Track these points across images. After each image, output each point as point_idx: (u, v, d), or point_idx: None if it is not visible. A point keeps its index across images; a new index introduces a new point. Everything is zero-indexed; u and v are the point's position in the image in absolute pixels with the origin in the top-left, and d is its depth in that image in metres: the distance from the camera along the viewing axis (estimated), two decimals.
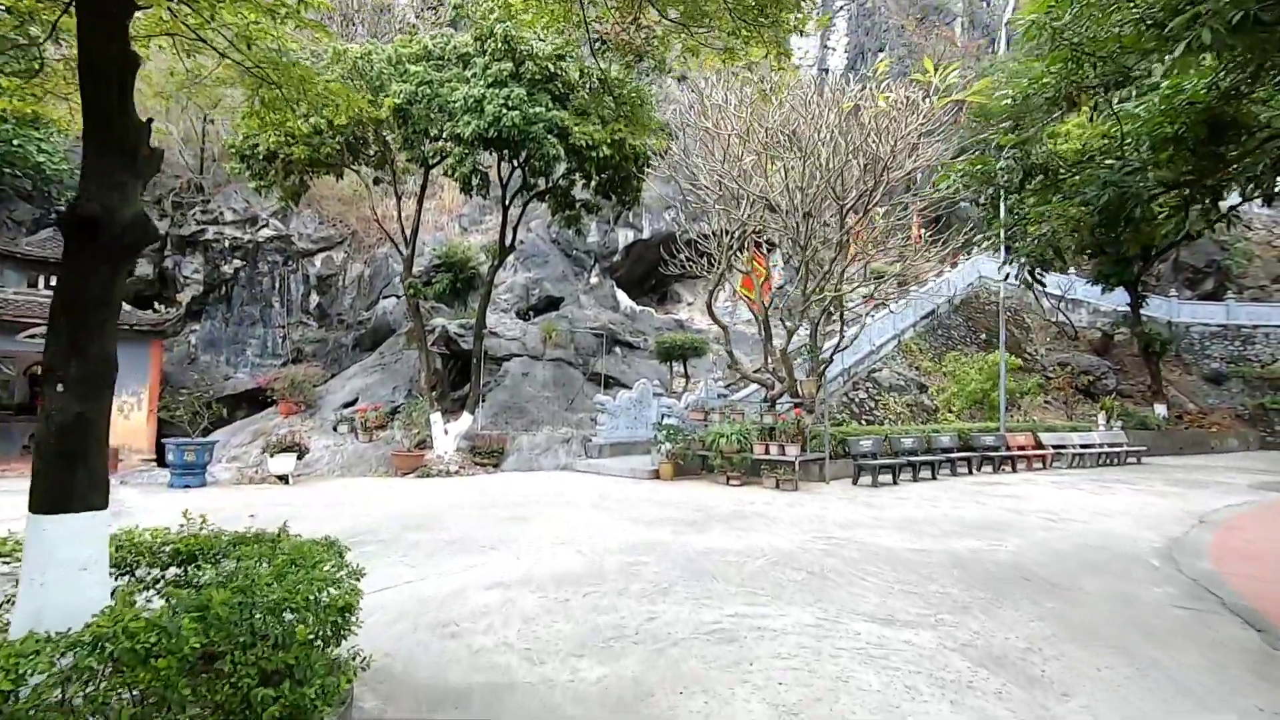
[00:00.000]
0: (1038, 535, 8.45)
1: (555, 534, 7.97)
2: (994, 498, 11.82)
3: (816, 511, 9.93)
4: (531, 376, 18.05)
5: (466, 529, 8.22)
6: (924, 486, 13.24)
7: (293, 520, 8.69)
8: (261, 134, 13.91)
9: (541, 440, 15.52)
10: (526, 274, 21.50)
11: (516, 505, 10.04)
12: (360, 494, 11.09)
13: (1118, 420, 22.14)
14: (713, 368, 21.75)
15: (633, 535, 7.95)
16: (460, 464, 14.37)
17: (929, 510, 10.24)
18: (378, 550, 7.02)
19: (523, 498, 10.81)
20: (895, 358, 24.13)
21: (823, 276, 12.17)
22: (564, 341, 19.28)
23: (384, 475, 13.62)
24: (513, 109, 11.81)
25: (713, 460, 13.22)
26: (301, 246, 20.35)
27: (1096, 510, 10.59)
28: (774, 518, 9.33)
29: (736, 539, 7.83)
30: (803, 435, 12.72)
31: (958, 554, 7.30)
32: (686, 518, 9.20)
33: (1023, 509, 10.58)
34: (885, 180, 10.80)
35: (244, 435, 14.22)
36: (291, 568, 3.25)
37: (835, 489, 12.60)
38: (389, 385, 16.61)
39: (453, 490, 11.63)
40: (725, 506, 10.24)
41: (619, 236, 22.69)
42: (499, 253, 15.50)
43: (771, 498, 11.27)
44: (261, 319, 20.20)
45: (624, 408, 16.47)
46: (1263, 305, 30.22)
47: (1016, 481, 14.52)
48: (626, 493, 11.57)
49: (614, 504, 10.32)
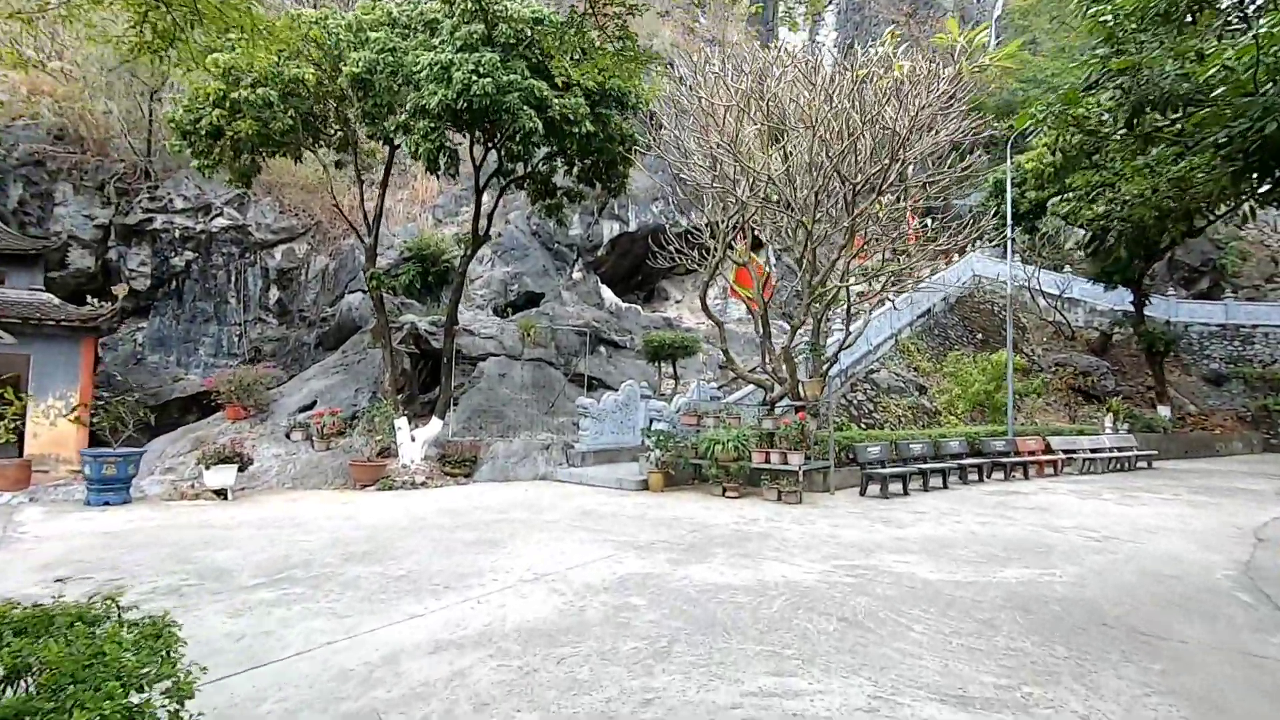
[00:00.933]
0: (1090, 560, 7.29)
1: (528, 565, 6.66)
2: (1018, 510, 10.69)
3: (829, 530, 8.71)
4: (509, 378, 16.70)
5: (422, 559, 6.88)
6: (937, 497, 12.09)
7: (214, 548, 7.34)
8: (205, 107, 12.52)
9: (519, 447, 14.18)
10: (505, 268, 20.14)
11: (486, 525, 8.71)
12: (308, 511, 9.69)
13: (1124, 423, 21.23)
14: (704, 368, 20.53)
15: (621, 566, 6.67)
16: (428, 474, 12.99)
17: (954, 527, 9.07)
18: (305, 592, 5.67)
19: (494, 515, 9.48)
20: (893, 358, 23.08)
21: (830, 266, 10.99)
22: (544, 340, 17.94)
23: (341, 488, 12.21)
24: (483, 76, 10.48)
25: (707, 469, 11.98)
26: (260, 237, 18.82)
27: (1136, 525, 9.49)
28: (783, 539, 8.10)
29: (744, 569, 6.57)
30: (807, 442, 11.51)
31: (1010, 588, 6.10)
32: (683, 540, 7.94)
33: (1056, 525, 9.45)
34: (900, 159, 9.63)
35: (184, 443, 12.72)
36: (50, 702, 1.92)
37: (842, 501, 11.41)
38: (351, 387, 15.17)
39: (415, 506, 10.27)
40: (725, 525, 8.98)
41: (604, 229, 21.39)
42: (472, 242, 14.15)
43: (775, 513, 10.04)
44: (216, 315, 18.64)
45: (609, 411, 15.17)
46: (1262, 305, 29.61)
47: (1033, 490, 13.44)
48: (613, 508, 10.29)
49: (599, 523, 9.03)
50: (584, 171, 15.18)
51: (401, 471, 12.90)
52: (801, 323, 11.69)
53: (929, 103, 9.20)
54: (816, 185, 10.09)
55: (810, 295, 11.21)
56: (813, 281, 11.12)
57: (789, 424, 11.56)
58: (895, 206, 12.65)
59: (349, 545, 7.48)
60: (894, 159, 9.47)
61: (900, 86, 8.78)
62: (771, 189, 11.18)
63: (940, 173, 11.12)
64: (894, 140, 9.49)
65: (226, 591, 5.69)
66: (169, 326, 18.25)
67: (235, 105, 12.24)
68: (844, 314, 14.22)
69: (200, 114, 12.54)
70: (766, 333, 12.36)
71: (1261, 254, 36.74)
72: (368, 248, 13.64)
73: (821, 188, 10.07)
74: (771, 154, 10.88)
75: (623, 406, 15.47)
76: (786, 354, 11.65)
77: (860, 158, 9.56)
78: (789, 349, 11.65)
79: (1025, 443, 16.76)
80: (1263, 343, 28.39)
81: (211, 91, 12.24)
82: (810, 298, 11.21)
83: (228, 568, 6.47)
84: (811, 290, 11.16)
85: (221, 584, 5.93)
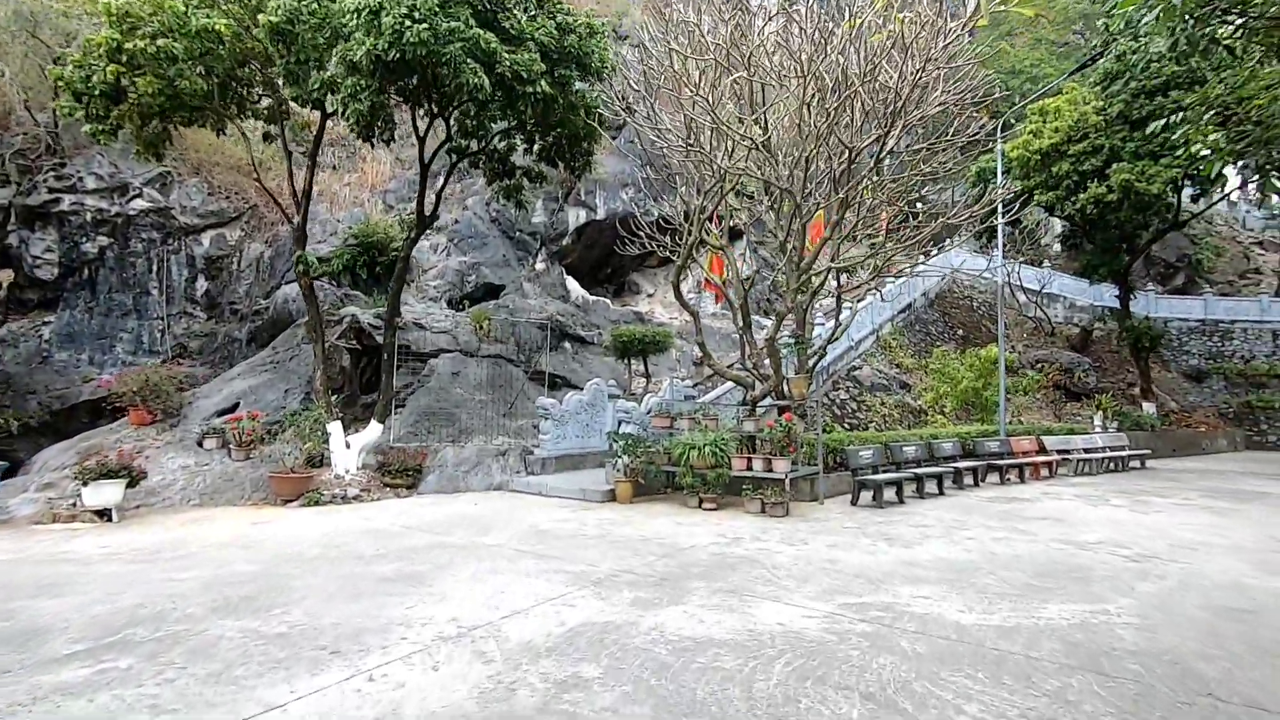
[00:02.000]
0: (1141, 589, 6.06)
1: (453, 612, 5.19)
2: (1029, 522, 9.51)
3: (825, 553, 7.38)
4: (463, 376, 15.12)
5: (316, 605, 5.36)
6: (937, 506, 10.89)
7: (50, 594, 5.46)
8: (98, 61, 10.77)
9: (471, 454, 12.63)
10: (461, 258, 18.52)
11: (416, 553, 7.20)
12: (203, 537, 8.06)
13: (1113, 421, 20.43)
14: (677, 365, 19.18)
15: (573, 611, 5.23)
16: (364, 486, 11.40)
17: (968, 546, 7.81)
18: (132, 667, 4.12)
19: (430, 538, 7.96)
20: (875, 354, 22.02)
21: (820, 246, 9.69)
22: (503, 335, 16.40)
23: (259, 503, 10.56)
24: (419, 22, 8.94)
25: (681, 477, 10.61)
26: (185, 222, 16.93)
27: (1169, 539, 8.35)
28: (773, 565, 6.74)
29: (730, 614, 5.19)
30: (793, 446, 10.20)
31: (1065, 635, 4.81)
32: (652, 569, 6.53)
33: (1079, 539, 8.26)
34: (902, 120, 8.37)
35: (73, 454, 10.93)
36: None
37: (834, 512, 10.12)
38: (280, 388, 13.45)
39: (339, 526, 8.70)
40: (704, 547, 7.60)
41: (569, 216, 19.89)
42: (417, 224, 12.55)
43: (760, 529, 8.69)
44: (136, 309, 16.70)
45: (572, 413, 13.71)
46: (1240, 300, 29.30)
47: (1035, 495, 12.33)
48: (572, 525, 8.84)
49: (553, 546, 7.58)
50: (546, 149, 13.75)
51: (334, 483, 11.29)
52: (788, 310, 10.36)
53: (934, 56, 7.92)
54: (806, 151, 8.77)
55: (797, 280, 9.88)
56: (800, 264, 9.80)
57: (773, 426, 10.23)
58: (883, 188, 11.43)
59: (230, 586, 5.91)
60: (895, 120, 8.18)
61: (904, 36, 7.47)
62: (754, 158, 9.84)
63: (942, 141, 9.87)
64: (895, 100, 8.19)
65: (21, 669, 4.11)
66: (80, 321, 16.26)
67: (133, 59, 10.51)
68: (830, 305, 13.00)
69: (92, 70, 10.79)
70: (747, 324, 11.02)
71: (1234, 250, 36.72)
72: (296, 228, 11.97)
73: (812, 153, 8.75)
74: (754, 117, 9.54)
75: (588, 407, 14.03)
76: (771, 347, 10.32)
77: (856, 117, 8.29)
78: (773, 341, 10.31)
79: (1019, 443, 15.72)
80: (1241, 338, 28.05)
81: (103, 42, 10.50)
82: (797, 283, 9.88)
83: (47, 626, 4.88)
84: (799, 274, 9.83)
85: (23, 654, 4.35)
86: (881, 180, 9.65)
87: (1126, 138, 19.50)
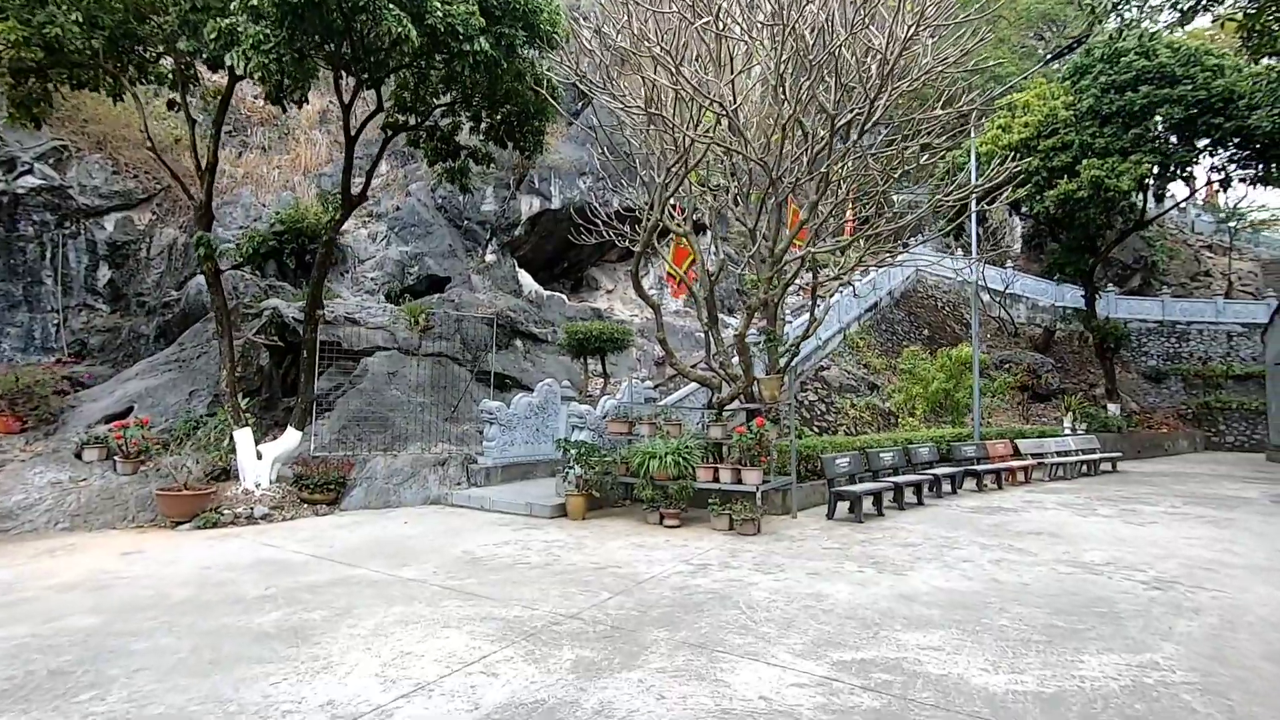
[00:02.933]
0: (1182, 630, 5.12)
1: (332, 693, 3.90)
2: (1023, 538, 8.62)
3: (807, 584, 6.29)
4: (401, 376, 13.66)
5: (149, 681, 4.01)
6: (919, 518, 9.96)
7: None
8: None
9: (405, 464, 11.23)
10: (403, 247, 17.01)
11: (312, 593, 5.85)
12: (50, 575, 6.54)
13: (1082, 423, 20.04)
14: (638, 365, 18.02)
15: (493, 684, 4.00)
16: (278, 502, 9.91)
17: (966, 571, 6.83)
18: None
19: (335, 572, 6.61)
20: (843, 354, 21.24)
21: (799, 228, 8.63)
22: (447, 331, 14.98)
23: (146, 525, 8.99)
24: None
25: (640, 489, 9.44)
26: (85, 203, 15.03)
27: (1181, 558, 7.52)
28: (749, 605, 5.60)
29: (699, 685, 4.02)
30: (766, 455, 9.12)
31: (1125, 709, 3.78)
32: (603, 614, 5.33)
33: (1085, 560, 7.37)
34: (889, 87, 7.36)
35: None
36: None
37: (809, 528, 9.08)
38: (184, 389, 11.80)
39: (227, 557, 7.26)
40: (666, 578, 6.43)
41: (522, 205, 18.52)
42: (343, 204, 11.09)
43: (730, 551, 7.57)
44: (26, 300, 14.73)
45: (521, 417, 12.42)
46: (1195, 302, 29.56)
47: (1019, 504, 11.54)
48: (513, 550, 7.58)
49: (485, 580, 6.31)
50: (494, 128, 12.49)
51: (240, 499, 9.77)
52: (761, 302, 9.27)
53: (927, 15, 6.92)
54: (783, 118, 7.67)
55: (770, 269, 8.78)
56: (775, 251, 8.71)
57: (744, 432, 9.13)
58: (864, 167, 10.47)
59: (45, 652, 4.49)
60: (884, 85, 7.15)
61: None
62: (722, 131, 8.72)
63: (927, 120, 8.91)
64: (884, 65, 7.16)
65: None
66: None
67: None
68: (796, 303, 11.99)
69: None
70: (713, 318, 9.90)
71: (1186, 253, 37.37)
72: (198, 206, 10.39)
73: (789, 121, 7.67)
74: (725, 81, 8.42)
75: (539, 410, 12.75)
76: (741, 344, 9.20)
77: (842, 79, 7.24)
78: (744, 338, 9.20)
79: (995, 447, 15.03)
80: (1197, 339, 28.26)
81: None
82: (771, 271, 8.78)
83: None
84: (773, 262, 8.74)
85: None
86: (862, 158, 8.64)
87: (1096, 133, 19.10)
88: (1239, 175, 20.18)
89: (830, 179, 8.06)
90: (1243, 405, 25.08)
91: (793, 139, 8.21)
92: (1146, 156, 18.29)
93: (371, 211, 17.89)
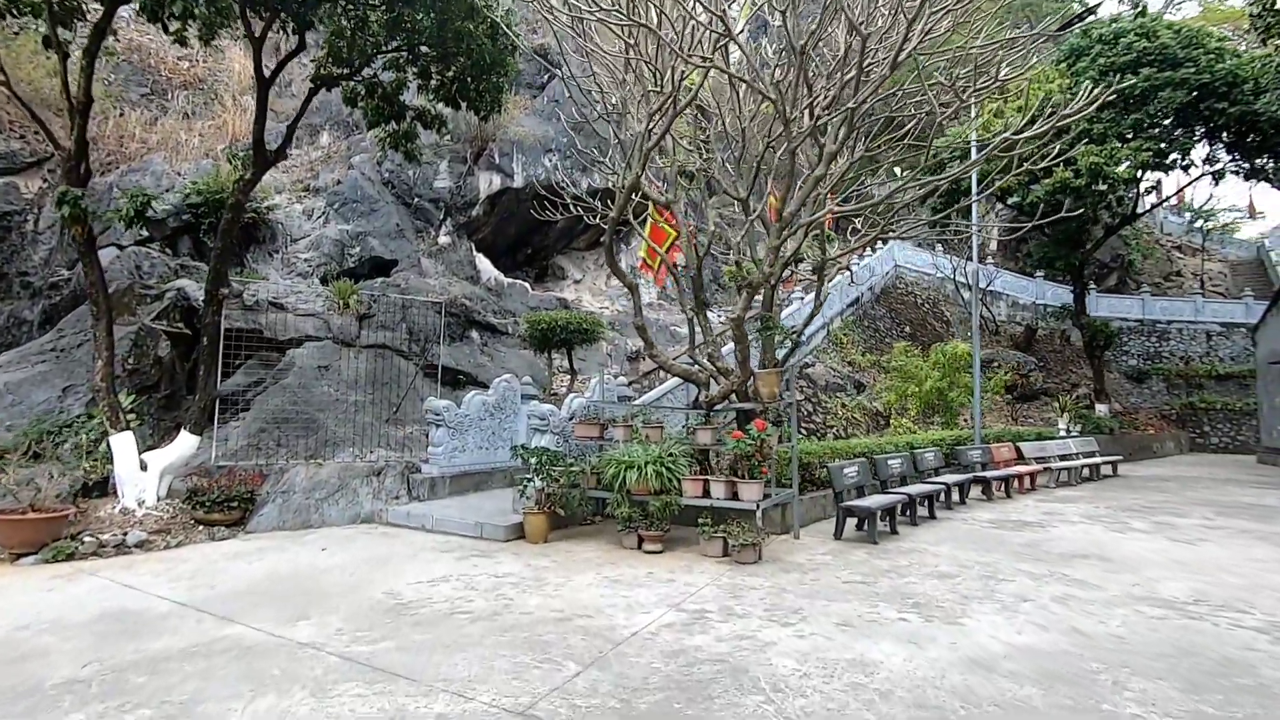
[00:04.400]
0: None
1: None
2: (1070, 563, 7.23)
3: (841, 646, 4.72)
4: (335, 370, 11.76)
5: None
6: (937, 536, 8.53)
7: None
8: None
9: (331, 474, 9.36)
10: (343, 225, 15.03)
11: (152, 672, 4.06)
12: None
13: (1076, 424, 19.06)
14: (609, 361, 16.35)
15: None
16: (164, 524, 8.00)
17: (1033, 616, 5.34)
18: None
19: (202, 631, 4.82)
20: (827, 351, 19.92)
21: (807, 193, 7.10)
22: (391, 320, 13.11)
23: None
24: None
25: (615, 506, 7.81)
26: None
27: (1276, 591, 6.19)
28: (775, 689, 4.00)
29: None
30: (767, 465, 7.56)
31: None
32: (567, 706, 3.66)
33: (1165, 595, 5.97)
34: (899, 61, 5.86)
35: None
36: None
37: (818, 552, 7.55)
38: (58, 384, 9.72)
39: (55, 608, 5.39)
40: (652, 639, 4.79)
41: (480, 182, 16.66)
42: (254, 159, 9.19)
43: (730, 590, 5.97)
44: None
45: (474, 418, 10.65)
46: (1175, 300, 29.13)
47: (1039, 517, 10.23)
48: (452, 590, 5.85)
49: (406, 644, 4.58)
50: (445, 85, 10.82)
51: (116, 521, 7.84)
52: (764, 279, 7.66)
53: None
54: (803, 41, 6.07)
55: (778, 237, 7.19)
56: (784, 214, 7.14)
57: (740, 437, 7.55)
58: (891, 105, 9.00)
59: None
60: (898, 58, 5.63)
61: None
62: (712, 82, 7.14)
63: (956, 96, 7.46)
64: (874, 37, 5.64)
65: None
66: None
67: None
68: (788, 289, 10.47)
69: None
70: (700, 301, 8.30)
71: (1159, 252, 37.23)
72: (66, 156, 8.37)
73: (809, 44, 6.10)
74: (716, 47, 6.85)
75: (495, 411, 11.00)
76: (739, 329, 7.60)
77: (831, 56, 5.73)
78: (742, 322, 7.60)
79: (999, 451, 13.77)
80: (1177, 339, 27.78)
81: None
82: (778, 239, 7.19)
83: None
84: (780, 228, 7.15)
85: None
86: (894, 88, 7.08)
87: (1094, 118, 18.09)
88: (1233, 168, 19.43)
89: (861, 116, 6.51)
90: (1227, 406, 24.56)
91: (818, 61, 6.66)
92: (1146, 143, 17.33)
93: (309, 185, 15.87)
